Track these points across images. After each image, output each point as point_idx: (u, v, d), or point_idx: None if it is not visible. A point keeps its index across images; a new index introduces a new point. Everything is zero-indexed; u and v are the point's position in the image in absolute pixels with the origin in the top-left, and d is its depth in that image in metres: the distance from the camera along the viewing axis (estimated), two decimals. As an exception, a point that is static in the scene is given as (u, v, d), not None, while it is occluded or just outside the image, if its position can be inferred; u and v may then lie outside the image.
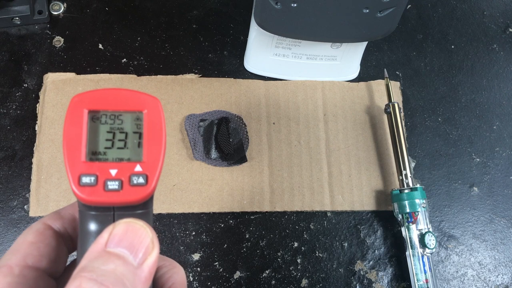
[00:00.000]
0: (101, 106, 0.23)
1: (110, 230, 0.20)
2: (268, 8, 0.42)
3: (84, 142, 0.22)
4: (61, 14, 0.54)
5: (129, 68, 0.52)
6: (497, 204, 0.53)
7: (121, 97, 0.23)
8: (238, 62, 0.54)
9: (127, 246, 0.20)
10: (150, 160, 0.22)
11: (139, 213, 0.22)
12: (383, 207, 0.50)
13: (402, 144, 0.49)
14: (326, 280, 0.48)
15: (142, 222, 0.21)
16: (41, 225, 0.24)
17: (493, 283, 0.50)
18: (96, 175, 0.21)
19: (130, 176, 0.22)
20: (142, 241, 0.20)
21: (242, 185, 0.49)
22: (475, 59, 0.59)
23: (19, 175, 0.47)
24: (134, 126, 0.23)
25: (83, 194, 0.21)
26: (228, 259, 0.47)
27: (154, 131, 0.23)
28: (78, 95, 0.23)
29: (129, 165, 0.22)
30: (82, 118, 0.22)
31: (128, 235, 0.20)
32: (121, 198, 0.21)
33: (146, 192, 0.22)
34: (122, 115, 0.23)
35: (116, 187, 0.21)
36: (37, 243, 0.23)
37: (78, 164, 0.22)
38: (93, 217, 0.22)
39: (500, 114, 0.57)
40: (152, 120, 0.23)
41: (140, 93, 0.23)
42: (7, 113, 0.49)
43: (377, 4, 0.41)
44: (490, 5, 0.62)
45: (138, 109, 0.23)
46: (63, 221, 0.25)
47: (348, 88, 0.55)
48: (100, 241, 0.20)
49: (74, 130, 0.22)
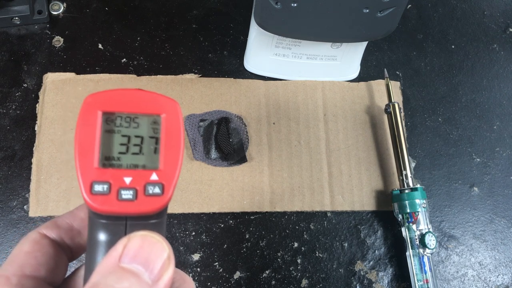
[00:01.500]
0: (116, 107, 0.21)
1: (124, 243, 0.19)
2: (268, 8, 0.42)
3: (97, 147, 0.21)
4: (61, 14, 0.53)
5: (129, 68, 0.52)
6: (498, 204, 0.53)
7: (138, 99, 0.22)
8: (238, 62, 0.54)
9: (142, 262, 0.19)
10: (167, 168, 0.21)
11: (153, 223, 0.21)
12: (383, 207, 0.50)
13: (402, 144, 0.49)
14: (326, 281, 0.48)
15: (159, 236, 0.20)
16: (36, 235, 0.23)
17: (494, 283, 0.50)
18: (110, 183, 0.20)
19: (146, 185, 0.20)
20: (159, 257, 0.19)
21: (242, 185, 0.49)
22: (476, 59, 0.59)
23: (19, 175, 0.47)
24: (150, 131, 0.21)
25: (94, 203, 0.20)
26: (228, 259, 0.47)
27: (172, 137, 0.21)
28: (92, 95, 0.21)
29: (145, 173, 0.21)
30: (96, 120, 0.21)
31: (143, 250, 0.19)
32: (135, 208, 0.20)
33: (162, 202, 0.20)
34: (138, 118, 0.22)
35: (130, 196, 0.20)
36: (33, 252, 0.22)
37: (90, 170, 0.20)
38: (104, 226, 0.21)
39: (501, 114, 0.57)
40: (170, 124, 0.21)
41: (158, 95, 0.22)
42: (6, 113, 0.49)
43: (377, 4, 0.41)
44: (491, 5, 0.62)
45: (155, 112, 0.21)
46: (59, 231, 0.24)
47: (348, 88, 0.55)
48: (114, 254, 0.19)
49: (87, 133, 0.21)
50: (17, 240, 0.45)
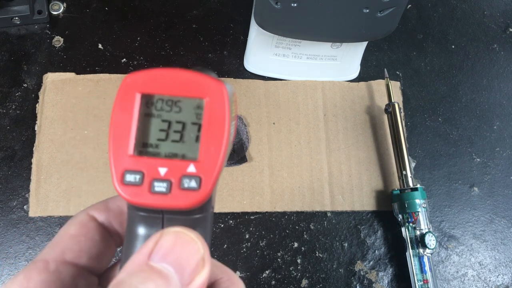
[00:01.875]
0: (157, 89, 0.19)
1: (156, 239, 0.18)
2: (268, 8, 0.42)
3: (134, 132, 0.19)
4: (61, 14, 0.53)
5: (129, 68, 0.52)
6: (498, 204, 0.53)
7: (181, 80, 0.19)
8: (238, 62, 0.54)
9: (173, 262, 0.17)
10: (207, 160, 0.19)
11: (194, 218, 0.19)
12: (383, 207, 0.50)
13: (402, 144, 0.49)
14: (326, 281, 0.48)
15: (194, 234, 0.18)
16: (84, 216, 0.22)
17: (494, 283, 0.50)
18: (143, 172, 0.19)
19: (181, 177, 0.18)
20: (192, 258, 0.17)
21: (242, 185, 0.49)
22: (476, 59, 0.59)
23: (19, 175, 0.47)
24: (193, 116, 0.19)
25: (125, 194, 0.18)
26: (228, 259, 0.47)
27: (214, 124, 0.19)
28: (131, 75, 0.19)
29: (182, 164, 0.19)
30: (134, 103, 0.19)
31: (175, 248, 0.17)
32: (168, 203, 0.18)
33: (198, 198, 0.18)
34: (181, 101, 0.19)
35: (164, 189, 0.18)
36: (78, 237, 0.21)
37: (123, 157, 0.19)
38: (141, 218, 0.19)
39: (501, 114, 0.57)
40: (213, 110, 0.19)
41: (203, 75, 0.20)
42: (6, 113, 0.49)
43: (377, 4, 0.41)
44: (491, 5, 0.62)
45: (199, 95, 0.19)
46: (108, 214, 0.22)
47: (348, 88, 0.55)
48: (144, 251, 0.17)
49: (123, 117, 0.19)
50: (17, 241, 0.45)
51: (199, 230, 0.19)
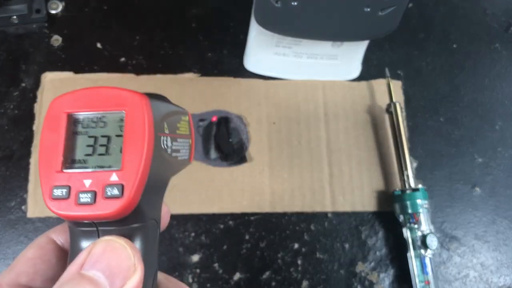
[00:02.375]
0: (81, 108, 0.20)
1: (89, 249, 0.18)
2: (268, 6, 0.41)
3: (60, 150, 0.20)
4: (59, 13, 0.53)
5: (127, 67, 0.52)
6: (500, 205, 0.53)
7: (102, 97, 0.20)
8: (238, 61, 0.54)
9: (102, 269, 0.18)
10: (129, 168, 0.19)
11: (131, 228, 0.20)
12: (384, 208, 0.50)
13: (404, 144, 0.49)
14: (327, 282, 0.47)
15: (124, 241, 0.19)
16: (43, 239, 0.23)
17: (496, 284, 0.50)
18: (69, 186, 0.19)
19: (105, 187, 0.19)
20: (122, 263, 0.18)
21: (242, 185, 0.49)
22: (477, 58, 0.59)
23: (17, 175, 0.47)
24: (117, 129, 0.20)
25: (54, 208, 0.19)
26: (228, 260, 0.47)
27: (135, 133, 0.20)
28: (58, 97, 0.21)
29: (105, 174, 0.19)
30: (60, 122, 0.20)
31: (105, 255, 0.18)
32: (94, 212, 0.19)
33: (122, 205, 0.19)
34: (105, 117, 0.20)
35: (89, 200, 0.19)
36: (34, 259, 0.22)
37: (52, 174, 0.19)
38: (79, 234, 0.20)
39: (503, 114, 0.56)
40: (133, 120, 0.20)
41: (122, 90, 0.21)
42: (4, 112, 0.49)
43: (378, 2, 0.41)
44: (492, 4, 0.61)
45: (120, 108, 0.20)
46: (67, 236, 0.23)
47: (349, 87, 0.54)
48: (77, 261, 0.18)
49: (51, 137, 0.20)
50: (15, 241, 0.45)
51: (137, 239, 0.20)
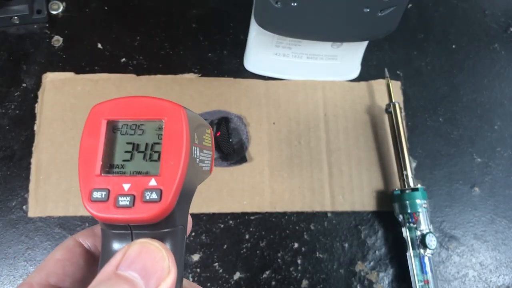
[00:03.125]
0: (120, 115, 0.22)
1: (124, 250, 0.19)
2: (268, 7, 0.41)
3: (100, 155, 0.21)
4: (60, 14, 0.53)
5: (128, 67, 0.52)
6: (499, 205, 0.53)
7: (142, 105, 0.22)
8: (238, 61, 0.54)
9: (138, 269, 0.18)
10: (167, 173, 0.20)
11: (162, 232, 0.20)
12: (384, 208, 0.50)
13: (403, 144, 0.49)
14: (327, 281, 0.48)
15: (158, 243, 0.19)
16: (71, 242, 0.23)
17: (495, 283, 0.50)
18: (108, 189, 0.20)
19: (143, 191, 0.20)
20: (157, 265, 0.19)
21: (242, 185, 0.49)
22: (476, 59, 0.59)
23: (18, 175, 0.47)
24: (155, 137, 0.21)
25: (93, 210, 0.20)
26: (228, 260, 0.47)
27: (174, 140, 0.21)
28: (98, 104, 0.22)
29: (144, 179, 0.20)
30: (100, 129, 0.21)
31: (141, 257, 0.19)
32: (132, 215, 0.20)
33: (160, 209, 0.20)
34: (144, 124, 0.22)
35: (128, 203, 0.20)
36: (63, 261, 0.22)
37: (91, 178, 0.20)
38: (112, 236, 0.21)
39: (502, 114, 0.56)
40: (172, 129, 0.21)
41: (162, 100, 0.22)
42: (5, 113, 0.49)
43: (378, 3, 0.41)
44: (492, 4, 0.62)
45: (159, 117, 0.21)
46: (94, 239, 0.24)
47: (349, 87, 0.54)
48: (113, 262, 0.19)
49: (91, 142, 0.21)
50: (16, 241, 0.45)
51: (167, 244, 0.20)
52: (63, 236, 0.45)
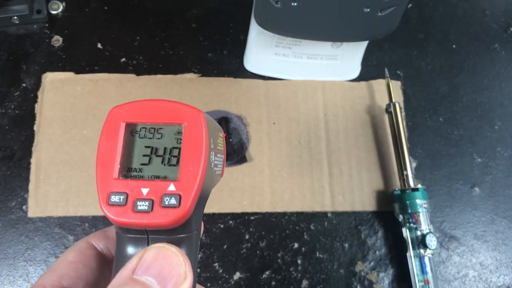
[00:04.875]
0: (139, 118, 0.21)
1: (140, 255, 0.19)
2: (268, 7, 0.41)
3: (118, 158, 0.21)
4: (60, 13, 0.53)
5: (128, 67, 0.52)
6: (499, 205, 0.53)
7: (161, 109, 0.21)
8: (238, 61, 0.54)
9: (155, 275, 0.18)
10: (186, 179, 0.20)
11: (178, 237, 0.20)
12: (384, 208, 0.50)
13: (403, 144, 0.49)
14: (327, 281, 0.48)
15: (175, 249, 0.19)
16: (84, 244, 0.23)
17: (495, 284, 0.50)
18: (127, 193, 0.20)
19: (162, 196, 0.20)
20: (173, 270, 0.19)
21: (242, 185, 0.49)
22: (477, 59, 0.59)
23: (18, 175, 0.47)
24: (174, 141, 0.21)
25: (111, 214, 0.20)
26: (228, 260, 0.47)
27: (193, 146, 0.21)
28: (116, 107, 0.21)
29: (163, 184, 0.20)
30: (119, 131, 0.21)
31: (158, 262, 0.19)
32: (151, 220, 0.19)
33: (179, 215, 0.19)
34: (163, 128, 0.21)
35: (146, 208, 0.19)
36: (76, 263, 0.22)
37: (109, 181, 0.20)
38: (128, 240, 0.20)
39: (502, 114, 0.56)
40: (192, 134, 0.21)
41: (182, 104, 0.21)
42: (5, 113, 0.49)
43: (377, 3, 0.41)
44: (492, 4, 0.62)
45: (178, 122, 0.21)
46: (107, 242, 0.23)
47: (349, 87, 0.54)
48: (129, 266, 0.19)
49: (109, 145, 0.21)
50: (15, 241, 0.45)
51: (182, 249, 0.20)
52: (63, 236, 0.45)
